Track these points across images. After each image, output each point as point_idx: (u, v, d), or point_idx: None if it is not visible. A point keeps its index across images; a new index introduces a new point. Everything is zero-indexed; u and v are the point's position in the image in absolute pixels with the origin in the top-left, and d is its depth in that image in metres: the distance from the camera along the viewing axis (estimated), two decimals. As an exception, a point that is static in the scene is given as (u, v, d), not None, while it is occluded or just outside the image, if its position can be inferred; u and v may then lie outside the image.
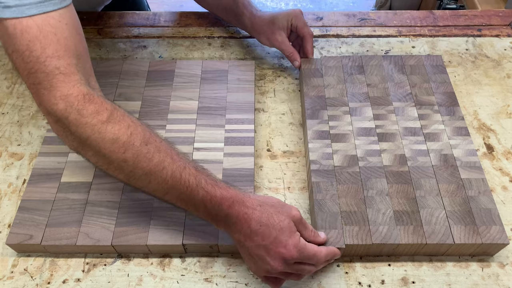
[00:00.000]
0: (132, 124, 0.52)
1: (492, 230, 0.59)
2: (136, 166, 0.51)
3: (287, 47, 0.79)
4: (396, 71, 0.78)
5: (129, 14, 0.97)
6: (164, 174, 0.51)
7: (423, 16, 0.96)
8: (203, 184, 0.52)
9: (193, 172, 0.52)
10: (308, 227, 0.56)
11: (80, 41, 0.54)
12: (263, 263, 0.52)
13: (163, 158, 0.52)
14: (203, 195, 0.52)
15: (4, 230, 0.65)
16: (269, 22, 0.79)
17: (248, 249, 0.53)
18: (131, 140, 0.51)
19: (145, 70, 0.79)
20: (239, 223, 0.52)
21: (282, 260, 0.52)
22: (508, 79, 0.84)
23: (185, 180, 0.52)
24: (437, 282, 0.60)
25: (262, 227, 0.51)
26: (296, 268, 0.54)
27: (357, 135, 0.70)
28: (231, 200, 0.52)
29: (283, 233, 0.52)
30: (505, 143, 0.74)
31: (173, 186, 0.52)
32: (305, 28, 0.79)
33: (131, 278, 0.60)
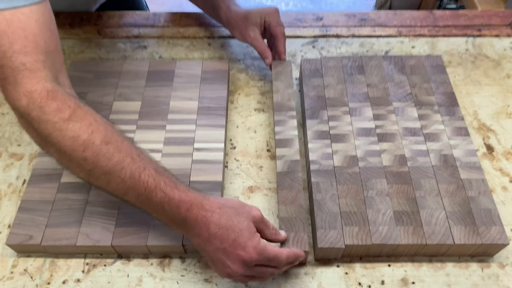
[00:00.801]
0: (94, 123, 0.51)
1: (492, 231, 0.59)
2: (95, 165, 0.51)
3: (259, 44, 0.78)
4: (396, 71, 0.78)
5: (129, 14, 0.97)
6: (123, 174, 0.51)
7: (423, 16, 0.96)
8: (162, 186, 0.52)
9: (152, 173, 0.52)
10: (270, 225, 0.56)
11: (51, 38, 0.53)
12: (223, 266, 0.52)
13: (123, 158, 0.51)
14: (161, 197, 0.51)
15: (4, 230, 0.65)
16: (243, 17, 0.78)
17: (208, 253, 0.52)
18: (91, 138, 0.50)
19: (145, 70, 0.79)
20: (197, 226, 0.51)
21: (242, 263, 0.51)
22: (508, 79, 0.84)
23: (143, 181, 0.51)
24: (437, 283, 0.60)
25: (220, 230, 0.51)
26: (257, 270, 0.53)
27: (357, 135, 0.70)
28: (190, 203, 0.51)
29: (242, 235, 0.51)
30: (505, 143, 0.74)
31: (131, 187, 0.51)
32: (278, 27, 0.78)
33: (131, 279, 0.60)
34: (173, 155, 0.68)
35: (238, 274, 0.52)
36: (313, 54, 0.88)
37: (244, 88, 0.83)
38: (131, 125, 0.72)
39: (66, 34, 0.92)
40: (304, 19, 0.95)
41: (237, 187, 0.69)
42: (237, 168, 0.71)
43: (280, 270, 0.56)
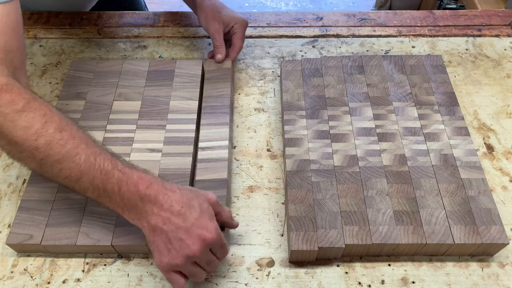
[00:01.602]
0: (48, 113, 0.51)
1: (492, 230, 0.59)
2: (47, 153, 0.50)
3: (219, 38, 0.79)
4: (396, 71, 0.78)
5: (129, 14, 0.97)
6: (77, 159, 0.51)
7: (423, 16, 0.96)
8: (119, 166, 0.51)
9: (109, 157, 0.52)
10: (225, 209, 0.57)
11: (14, 37, 0.54)
12: (181, 247, 0.50)
13: (77, 144, 0.51)
14: (119, 177, 0.51)
15: (4, 230, 0.65)
16: (217, 10, 0.80)
17: (167, 233, 0.51)
18: (44, 127, 0.50)
19: (145, 70, 0.79)
20: (158, 203, 0.51)
21: (202, 243, 0.51)
22: (508, 79, 0.84)
23: (99, 164, 0.51)
24: (437, 282, 0.60)
25: (183, 209, 0.51)
26: (208, 258, 0.53)
27: (357, 135, 0.70)
28: (149, 182, 0.51)
29: (204, 216, 0.51)
30: (505, 143, 0.74)
31: (86, 172, 0.51)
32: (240, 40, 0.80)
33: (131, 278, 0.60)
34: (173, 155, 0.68)
35: (195, 255, 0.51)
36: (313, 54, 0.88)
37: (244, 88, 0.83)
38: (131, 124, 0.72)
39: (66, 34, 0.92)
40: (304, 19, 0.95)
41: (237, 186, 0.69)
42: (237, 167, 0.71)
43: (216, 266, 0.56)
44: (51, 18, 0.95)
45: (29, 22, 0.94)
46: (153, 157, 0.68)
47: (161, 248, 0.52)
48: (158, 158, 0.68)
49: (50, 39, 0.91)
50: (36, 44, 0.90)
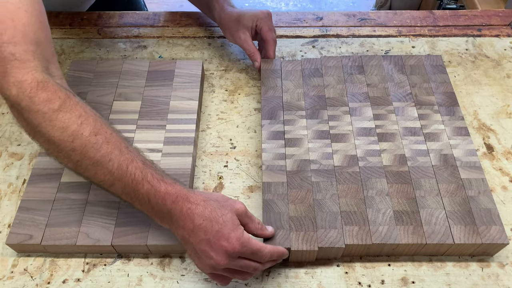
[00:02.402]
0: (84, 114, 0.52)
1: (492, 230, 0.59)
2: (83, 156, 0.51)
3: (249, 46, 0.79)
4: (396, 71, 0.78)
5: (129, 14, 0.97)
6: (110, 165, 0.51)
7: (423, 16, 0.96)
8: (149, 178, 0.52)
9: (140, 165, 0.53)
10: (255, 220, 0.56)
11: (41, 28, 0.53)
12: (206, 258, 0.52)
13: (111, 150, 0.52)
14: (148, 189, 0.52)
15: (4, 230, 0.65)
16: (236, 20, 0.79)
17: (192, 245, 0.52)
18: (80, 129, 0.51)
19: (145, 70, 0.79)
20: (182, 218, 0.52)
21: (225, 254, 0.51)
22: (508, 79, 0.84)
23: (131, 173, 0.52)
24: (437, 282, 0.60)
25: (204, 222, 0.51)
26: (240, 264, 0.53)
27: (357, 135, 0.70)
28: (175, 196, 0.52)
29: (226, 226, 0.51)
30: (505, 143, 0.74)
31: (118, 178, 0.52)
32: (269, 33, 0.79)
33: (131, 278, 0.60)
34: (173, 155, 0.68)
35: (220, 265, 0.51)
36: (313, 54, 0.88)
37: (244, 88, 0.83)
38: (131, 124, 0.72)
39: (66, 34, 0.92)
40: (304, 19, 0.95)
41: (237, 186, 0.69)
42: (237, 167, 0.71)
43: (263, 266, 0.55)
44: (51, 18, 0.95)
45: (29, 22, 0.94)
46: (153, 157, 0.68)
47: (193, 256, 0.54)
48: (158, 158, 0.68)
49: (50, 39, 0.91)
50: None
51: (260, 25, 0.79)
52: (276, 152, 0.67)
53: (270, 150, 0.68)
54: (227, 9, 0.81)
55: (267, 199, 0.62)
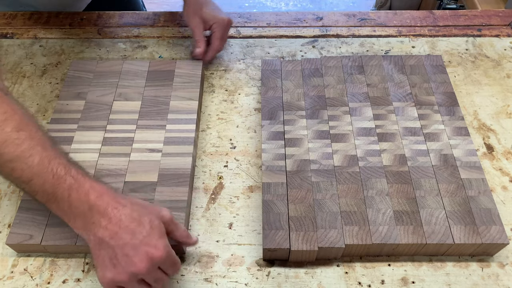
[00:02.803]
0: (9, 111, 0.51)
1: (492, 230, 0.59)
2: (2, 151, 0.49)
3: (198, 34, 0.80)
4: (396, 71, 0.78)
5: (129, 14, 0.97)
6: (30, 160, 0.49)
7: (423, 16, 0.96)
8: (72, 173, 0.50)
9: (63, 162, 0.51)
10: (180, 227, 0.54)
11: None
12: (127, 264, 0.48)
13: (33, 146, 0.50)
14: (70, 184, 0.50)
15: (4, 230, 0.65)
16: (200, 6, 0.80)
17: (113, 248, 0.49)
18: (2, 125, 0.49)
19: (145, 70, 0.79)
20: (107, 216, 0.49)
21: (149, 261, 0.49)
22: (508, 79, 0.84)
23: (52, 168, 0.50)
24: (437, 282, 0.60)
25: (133, 224, 0.49)
26: (157, 276, 0.51)
27: (357, 135, 0.70)
28: (101, 192, 0.50)
29: (153, 233, 0.50)
30: (505, 143, 0.74)
31: (38, 174, 0.49)
32: (218, 41, 0.80)
33: (131, 278, 0.60)
34: (173, 155, 0.68)
35: (141, 273, 0.49)
36: (313, 54, 0.88)
37: (244, 88, 0.83)
38: (131, 124, 0.72)
39: (66, 34, 0.92)
40: (304, 19, 0.95)
41: (237, 186, 0.69)
42: (237, 167, 0.71)
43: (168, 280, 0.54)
44: (51, 18, 0.95)
45: (29, 22, 0.94)
46: (153, 157, 0.68)
47: (106, 263, 0.50)
48: (158, 159, 0.68)
49: (50, 39, 0.91)
50: (36, 44, 0.90)
51: (214, 29, 0.80)
52: (276, 153, 0.67)
53: (270, 150, 0.68)
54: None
55: (267, 200, 0.62)
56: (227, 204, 0.68)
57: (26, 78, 0.84)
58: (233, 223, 0.66)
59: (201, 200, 0.68)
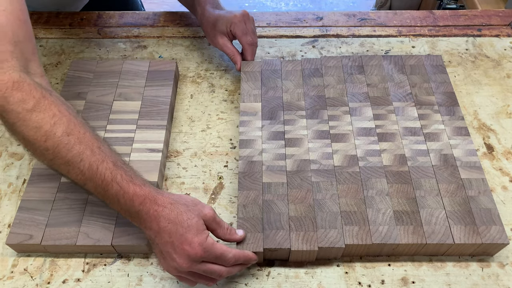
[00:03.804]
0: (57, 114, 0.53)
1: (492, 230, 0.59)
2: (56, 155, 0.52)
3: (228, 50, 0.80)
4: (396, 71, 0.78)
5: (129, 14, 0.97)
6: (81, 165, 0.53)
7: (423, 16, 0.96)
8: (118, 179, 0.53)
9: (110, 166, 0.53)
10: (223, 225, 0.56)
11: (21, 27, 0.54)
12: (170, 260, 0.53)
13: (82, 150, 0.53)
14: (117, 190, 0.53)
15: (4, 230, 0.65)
16: (212, 25, 0.80)
17: (158, 245, 0.54)
18: (53, 129, 0.52)
19: (145, 70, 0.79)
20: (149, 220, 0.53)
21: (187, 258, 0.52)
22: (508, 79, 0.84)
23: (101, 173, 0.53)
24: (437, 282, 0.60)
25: (169, 225, 0.52)
26: (203, 268, 0.53)
27: (357, 135, 0.70)
28: (143, 198, 0.53)
29: (190, 231, 0.52)
30: (505, 143, 0.74)
31: (89, 178, 0.53)
32: (243, 37, 0.79)
33: (131, 278, 0.60)
34: None
35: (183, 268, 0.52)
36: (313, 54, 0.88)
37: (244, 88, 0.83)
38: (131, 124, 0.72)
39: (66, 34, 0.92)
40: (304, 19, 0.95)
41: (237, 186, 0.69)
42: (237, 167, 0.71)
43: (229, 271, 0.55)
44: (51, 18, 0.95)
45: (29, 22, 0.94)
46: (153, 156, 0.68)
47: (159, 256, 0.55)
48: (158, 158, 0.68)
49: (50, 39, 0.91)
50: (36, 44, 0.90)
51: (234, 30, 0.79)
52: (276, 153, 0.67)
53: (270, 150, 0.68)
54: (207, 12, 0.81)
55: (267, 200, 0.62)
56: (227, 204, 0.68)
57: (26, 78, 0.84)
58: (233, 223, 0.66)
59: (201, 200, 0.68)
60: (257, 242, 0.58)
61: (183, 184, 0.70)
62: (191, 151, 0.74)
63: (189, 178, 0.70)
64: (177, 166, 0.72)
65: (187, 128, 0.77)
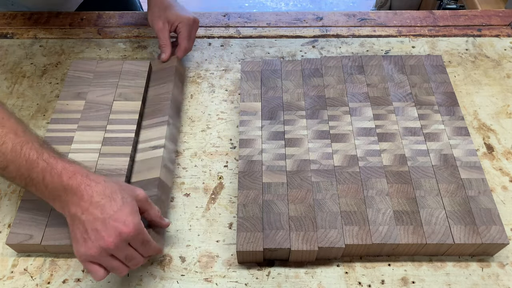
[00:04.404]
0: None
1: (492, 230, 0.59)
2: None
3: (163, 37, 0.79)
4: (396, 71, 0.78)
5: (129, 14, 0.97)
6: (4, 148, 0.52)
7: (423, 16, 0.96)
8: (45, 156, 0.52)
9: (36, 146, 0.53)
10: (154, 207, 0.56)
11: None
12: (96, 238, 0.50)
13: (5, 133, 0.52)
14: (43, 167, 0.51)
15: (4, 230, 0.65)
16: (163, 8, 0.79)
17: (83, 223, 0.50)
18: None
19: (145, 70, 0.79)
20: (79, 193, 0.51)
21: (118, 237, 0.50)
22: (508, 79, 0.84)
23: (25, 154, 0.52)
24: (437, 282, 0.60)
25: (103, 200, 0.51)
26: (127, 252, 0.52)
27: (357, 135, 0.70)
28: (73, 172, 0.52)
29: (124, 209, 0.51)
30: (505, 143, 0.74)
31: (12, 160, 0.52)
32: (184, 40, 0.79)
33: (131, 278, 0.60)
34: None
35: (109, 248, 0.50)
36: (313, 54, 0.88)
37: (244, 88, 0.83)
38: (131, 124, 0.72)
39: (66, 34, 0.92)
40: (304, 19, 0.95)
41: (237, 186, 0.69)
42: (237, 167, 0.71)
43: (143, 261, 0.55)
44: (51, 18, 0.95)
45: (29, 22, 0.94)
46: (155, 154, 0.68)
47: (78, 238, 0.51)
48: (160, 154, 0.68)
49: (50, 39, 0.91)
50: (36, 44, 0.90)
51: (180, 29, 0.79)
52: (276, 153, 0.67)
53: (270, 150, 0.68)
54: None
55: (267, 200, 0.62)
56: (227, 204, 0.68)
57: (26, 78, 0.84)
58: (233, 223, 0.66)
59: (201, 200, 0.68)
60: (257, 242, 0.58)
61: (183, 184, 0.70)
62: (191, 151, 0.74)
63: (189, 178, 0.70)
64: (177, 166, 0.72)
65: (187, 128, 0.77)
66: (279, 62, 0.80)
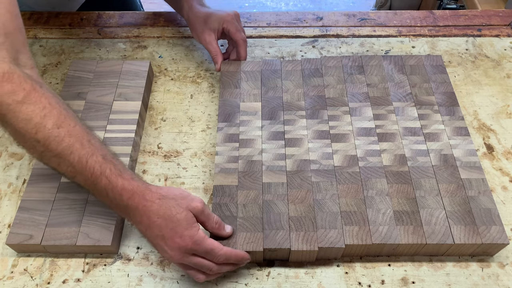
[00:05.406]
0: (48, 106, 0.53)
1: (492, 230, 0.59)
2: (46, 147, 0.52)
3: (213, 48, 0.80)
4: (396, 71, 0.78)
5: (129, 14, 0.97)
6: (71, 158, 0.53)
7: (423, 16, 0.96)
8: (107, 173, 0.53)
9: (99, 160, 0.54)
10: (212, 218, 0.57)
11: (11, 19, 0.54)
12: (162, 252, 0.54)
13: (72, 143, 0.53)
14: (106, 184, 0.53)
15: (4, 230, 0.65)
16: (202, 21, 0.80)
17: (149, 238, 0.55)
18: (43, 122, 0.52)
19: (145, 70, 0.79)
20: (138, 214, 0.54)
21: (178, 250, 0.53)
22: (508, 79, 0.84)
23: (90, 167, 0.53)
24: (437, 282, 0.60)
25: (159, 219, 0.53)
26: (193, 261, 0.54)
27: (357, 135, 0.70)
28: (132, 192, 0.53)
29: (180, 224, 0.53)
30: (505, 143, 0.74)
31: (79, 172, 0.53)
32: (238, 34, 0.79)
33: (131, 278, 0.60)
34: None
35: (175, 260, 0.54)
36: (313, 54, 0.88)
37: (244, 88, 0.83)
38: (131, 124, 0.72)
39: (66, 34, 0.92)
40: (304, 19, 0.95)
41: (237, 186, 0.69)
42: (237, 167, 0.71)
43: (219, 268, 0.56)
44: (51, 18, 0.95)
45: (29, 22, 0.94)
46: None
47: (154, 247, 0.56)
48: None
49: (50, 39, 0.91)
50: (36, 44, 0.90)
51: (227, 27, 0.79)
52: (276, 153, 0.67)
53: (270, 150, 0.68)
54: (195, 8, 0.81)
55: (267, 200, 0.62)
56: (227, 204, 0.68)
57: (26, 78, 0.84)
58: (233, 223, 0.65)
59: (201, 200, 0.68)
60: (257, 242, 0.58)
61: (183, 184, 0.70)
62: (191, 151, 0.74)
63: (189, 178, 0.70)
64: (177, 166, 0.72)
65: (187, 128, 0.77)
66: (279, 62, 0.80)
